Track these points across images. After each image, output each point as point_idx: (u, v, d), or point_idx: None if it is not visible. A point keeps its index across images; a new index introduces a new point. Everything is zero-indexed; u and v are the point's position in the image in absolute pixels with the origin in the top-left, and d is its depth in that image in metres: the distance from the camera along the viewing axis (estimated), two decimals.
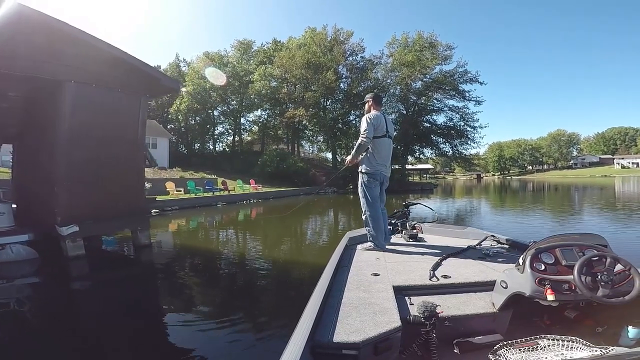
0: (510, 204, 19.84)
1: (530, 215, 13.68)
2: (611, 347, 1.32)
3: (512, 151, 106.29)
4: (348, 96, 36.88)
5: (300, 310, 1.62)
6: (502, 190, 37.40)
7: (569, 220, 11.95)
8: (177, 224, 12.52)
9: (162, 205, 15.11)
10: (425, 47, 37.63)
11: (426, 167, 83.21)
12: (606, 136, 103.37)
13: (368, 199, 3.41)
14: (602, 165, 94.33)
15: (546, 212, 15.29)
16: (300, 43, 40.04)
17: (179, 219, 13.43)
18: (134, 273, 6.14)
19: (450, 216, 14.10)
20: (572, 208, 16.45)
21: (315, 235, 10.38)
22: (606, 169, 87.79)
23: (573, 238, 1.85)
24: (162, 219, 13.09)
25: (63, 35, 5.71)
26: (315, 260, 6.19)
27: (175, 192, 17.75)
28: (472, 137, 39.64)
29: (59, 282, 5.53)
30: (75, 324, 3.87)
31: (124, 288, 5.18)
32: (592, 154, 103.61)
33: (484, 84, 38.81)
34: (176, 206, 15.73)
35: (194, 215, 14.52)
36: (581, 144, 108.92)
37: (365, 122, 3.32)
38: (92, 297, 4.92)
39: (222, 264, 6.84)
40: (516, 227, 10.65)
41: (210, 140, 50.35)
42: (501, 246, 3.08)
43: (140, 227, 6.99)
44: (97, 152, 6.28)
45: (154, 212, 13.97)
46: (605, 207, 15.76)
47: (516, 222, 12.04)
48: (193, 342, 3.25)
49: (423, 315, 1.63)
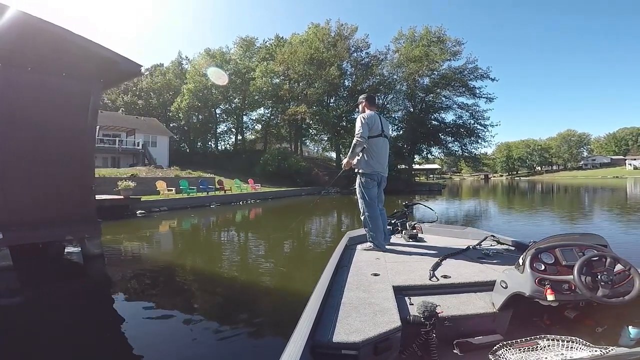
0: (521, 206, 18.91)
1: (540, 217, 13.24)
2: (611, 347, 1.32)
3: (520, 151, 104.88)
4: (352, 93, 35.57)
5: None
6: (510, 191, 36.05)
7: (579, 223, 11.47)
8: (157, 227, 11.25)
9: (150, 205, 13.99)
10: (433, 42, 36.29)
11: (433, 167, 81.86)
12: (617, 136, 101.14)
13: (366, 199, 3.37)
14: (614, 166, 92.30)
15: (557, 214, 14.68)
16: (303, 39, 38.81)
17: (163, 222, 12.19)
18: (66, 291, 4.83)
19: (459, 218, 13.59)
20: (582, 210, 15.93)
21: (311, 253, 8.04)
22: (618, 170, 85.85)
23: (573, 238, 1.84)
24: (144, 222, 11.93)
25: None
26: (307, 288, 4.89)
27: (166, 191, 16.59)
28: (483, 135, 38.27)
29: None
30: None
31: (42, 312, 3.98)
32: (603, 154, 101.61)
33: (496, 80, 37.38)
34: (165, 207, 14.56)
35: (182, 218, 13.36)
36: (592, 144, 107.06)
37: (360, 121, 3.30)
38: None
39: (187, 281, 5.49)
40: (530, 229, 10.26)
41: (212, 139, 49.47)
42: (501, 246, 3.05)
43: (88, 235, 5.77)
44: (31, 146, 5.16)
45: (139, 213, 12.90)
46: (619, 210, 15.20)
47: (528, 223, 11.60)
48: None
49: (423, 315, 1.62)
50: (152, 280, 5.40)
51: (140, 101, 50.79)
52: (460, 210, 17.55)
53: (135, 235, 9.57)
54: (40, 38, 5.17)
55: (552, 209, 16.75)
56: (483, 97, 37.28)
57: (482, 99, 37.57)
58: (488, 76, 36.55)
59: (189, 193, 17.61)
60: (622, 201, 20.20)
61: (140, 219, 12.33)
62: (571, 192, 30.11)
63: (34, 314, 3.91)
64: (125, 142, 34.22)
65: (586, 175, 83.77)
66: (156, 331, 3.53)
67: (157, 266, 6.21)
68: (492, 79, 36.97)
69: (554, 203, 20.92)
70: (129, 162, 32.44)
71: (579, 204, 19.90)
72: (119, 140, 33.41)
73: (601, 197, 24.27)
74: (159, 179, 18.85)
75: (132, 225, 11.18)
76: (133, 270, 5.89)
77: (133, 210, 12.89)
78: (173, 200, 15.62)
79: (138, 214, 12.84)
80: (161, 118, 45.30)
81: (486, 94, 37.27)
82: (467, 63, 36.40)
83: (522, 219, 12.99)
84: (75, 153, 5.62)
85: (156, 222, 11.98)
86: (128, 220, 11.74)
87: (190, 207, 15.70)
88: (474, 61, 36.37)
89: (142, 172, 22.19)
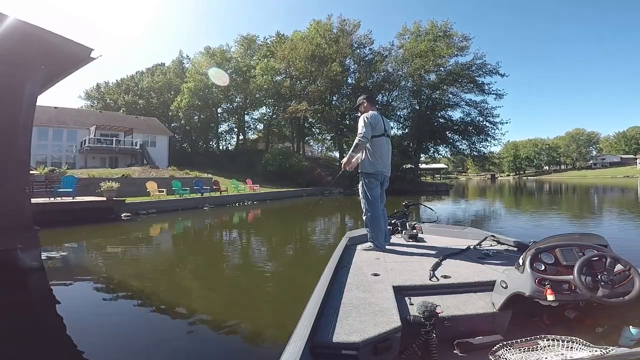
0: (530, 206, 17.84)
1: (549, 218, 12.70)
2: (611, 347, 1.32)
3: (528, 151, 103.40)
4: (356, 90, 34.47)
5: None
6: (517, 191, 34.65)
7: (586, 224, 10.99)
8: (136, 232, 10.14)
9: (137, 208, 13.00)
10: (439, 36, 35.13)
11: (439, 166, 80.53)
12: (627, 135, 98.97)
13: (369, 199, 3.35)
14: (624, 165, 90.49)
15: (566, 214, 13.87)
16: (305, 36, 37.79)
17: (146, 226, 11.08)
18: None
19: (467, 218, 13.01)
20: (591, 211, 15.10)
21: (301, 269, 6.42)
22: (628, 169, 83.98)
23: (573, 238, 1.83)
24: (126, 225, 10.87)
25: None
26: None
27: (157, 193, 15.58)
28: (493, 133, 37.03)
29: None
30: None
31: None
32: (612, 153, 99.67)
33: (506, 76, 36.16)
34: (153, 209, 13.54)
35: (169, 221, 12.33)
36: (601, 143, 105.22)
37: (363, 121, 3.25)
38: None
39: (142, 304, 4.30)
40: (536, 230, 9.84)
41: (214, 138, 48.60)
42: (501, 246, 3.01)
43: (22, 245, 4.77)
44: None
45: (124, 216, 11.90)
46: (629, 211, 14.40)
47: (536, 225, 11.05)
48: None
49: (423, 316, 1.62)
50: (104, 297, 4.36)
51: (141, 101, 50.19)
52: (467, 211, 16.67)
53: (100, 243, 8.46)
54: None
55: (561, 210, 15.82)
56: (492, 93, 36.17)
57: (491, 96, 36.43)
58: (497, 72, 35.38)
59: (182, 194, 16.59)
60: (632, 202, 19.32)
61: (124, 222, 11.31)
62: (580, 192, 28.99)
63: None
64: (123, 142, 33.46)
65: (596, 174, 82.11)
66: (154, 332, 3.40)
67: (111, 280, 5.11)
68: (502, 74, 35.84)
69: (563, 203, 19.97)
70: (127, 162, 31.67)
71: (588, 204, 18.94)
72: (116, 140, 32.64)
73: (611, 197, 23.23)
74: (151, 179, 17.87)
75: (109, 229, 10.19)
76: (83, 286, 4.84)
77: (118, 213, 11.93)
78: (163, 202, 14.58)
79: (123, 217, 11.84)
80: (162, 118, 44.56)
81: (495, 90, 36.16)
82: (474, 59, 35.27)
83: (531, 220, 12.30)
84: (4, 150, 4.60)
85: (139, 226, 10.94)
86: (109, 224, 10.76)
87: (182, 209, 14.65)
88: (482, 57, 35.22)
89: (135, 172, 21.28)
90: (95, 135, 32.32)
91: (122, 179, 16.78)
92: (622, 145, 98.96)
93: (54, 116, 32.91)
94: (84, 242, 8.49)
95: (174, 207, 14.66)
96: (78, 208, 11.09)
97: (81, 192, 12.83)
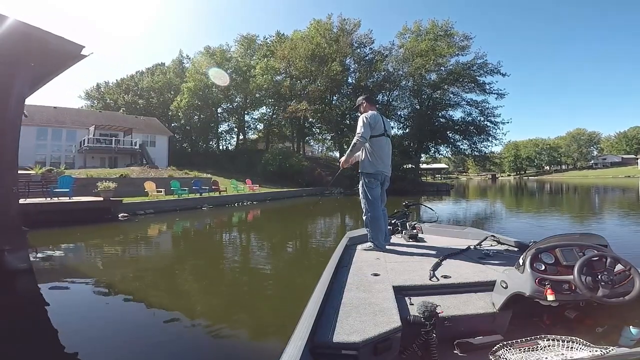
0: (531, 207, 17.66)
1: (549, 218, 12.59)
2: (611, 347, 1.32)
3: (528, 151, 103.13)
4: (356, 90, 34.33)
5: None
6: (518, 191, 34.49)
7: (586, 224, 10.84)
8: (132, 232, 9.99)
9: (134, 208, 12.86)
10: (440, 36, 34.94)
11: (440, 166, 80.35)
12: (629, 135, 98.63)
13: (369, 199, 3.32)
14: (625, 165, 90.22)
15: (566, 214, 13.81)
16: (305, 35, 37.65)
17: (143, 226, 10.94)
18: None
19: (468, 219, 12.87)
20: (592, 211, 15.00)
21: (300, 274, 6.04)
22: (629, 169, 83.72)
23: (573, 238, 1.83)
24: (123, 226, 10.74)
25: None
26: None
27: (155, 193, 15.45)
28: (494, 133, 36.84)
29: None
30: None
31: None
32: (613, 153, 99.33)
33: (507, 76, 35.92)
34: (151, 209, 13.41)
35: (167, 221, 12.18)
36: (602, 143, 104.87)
37: (362, 121, 3.23)
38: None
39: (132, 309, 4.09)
40: (537, 230, 9.76)
41: (214, 138, 48.47)
42: (501, 246, 3.00)
43: (9, 247, 4.64)
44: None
45: (121, 216, 11.76)
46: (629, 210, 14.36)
47: (537, 225, 10.98)
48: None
49: (423, 316, 1.62)
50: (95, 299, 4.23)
51: (141, 101, 50.09)
52: (468, 211, 16.52)
53: (103, 242, 8.40)
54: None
55: (562, 210, 15.70)
56: (493, 93, 35.96)
57: (492, 95, 36.23)
58: (499, 71, 35.18)
59: (180, 194, 16.46)
60: (633, 202, 19.23)
61: (121, 222, 11.18)
62: (581, 193, 28.83)
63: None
64: (123, 142, 33.35)
65: (597, 174, 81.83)
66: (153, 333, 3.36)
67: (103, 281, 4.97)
68: (503, 74, 35.61)
69: (563, 204, 19.84)
70: (127, 162, 31.56)
71: (588, 204, 18.82)
72: (115, 140, 32.53)
73: (612, 197, 23.09)
74: (150, 179, 17.74)
75: (106, 230, 10.06)
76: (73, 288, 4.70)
77: (115, 214, 11.81)
78: (161, 202, 14.44)
79: (120, 217, 11.71)
80: (162, 118, 44.46)
81: (497, 89, 35.94)
82: (475, 58, 35.08)
83: (532, 220, 12.18)
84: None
85: (136, 226, 10.82)
86: (105, 225, 10.63)
87: (180, 210, 14.51)
88: (483, 56, 35.03)
89: (134, 172, 21.13)
90: (95, 135, 32.21)
91: (120, 179, 16.67)
92: (623, 145, 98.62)
93: (53, 116, 32.83)
94: (79, 243, 8.37)
95: (173, 207, 14.52)
96: (74, 208, 10.95)
97: (79, 192, 12.70)
